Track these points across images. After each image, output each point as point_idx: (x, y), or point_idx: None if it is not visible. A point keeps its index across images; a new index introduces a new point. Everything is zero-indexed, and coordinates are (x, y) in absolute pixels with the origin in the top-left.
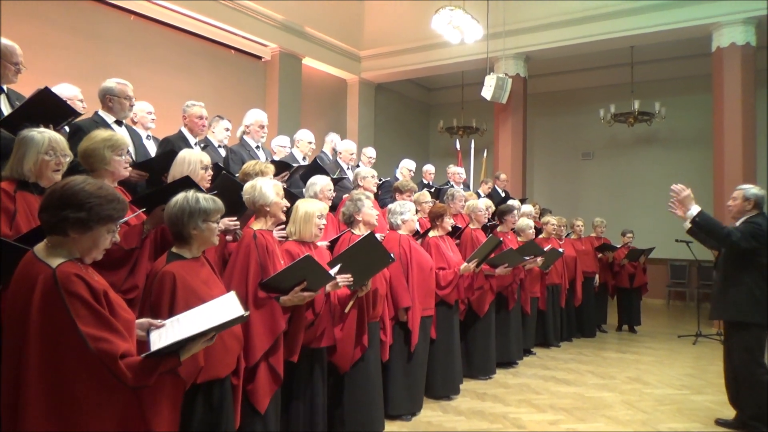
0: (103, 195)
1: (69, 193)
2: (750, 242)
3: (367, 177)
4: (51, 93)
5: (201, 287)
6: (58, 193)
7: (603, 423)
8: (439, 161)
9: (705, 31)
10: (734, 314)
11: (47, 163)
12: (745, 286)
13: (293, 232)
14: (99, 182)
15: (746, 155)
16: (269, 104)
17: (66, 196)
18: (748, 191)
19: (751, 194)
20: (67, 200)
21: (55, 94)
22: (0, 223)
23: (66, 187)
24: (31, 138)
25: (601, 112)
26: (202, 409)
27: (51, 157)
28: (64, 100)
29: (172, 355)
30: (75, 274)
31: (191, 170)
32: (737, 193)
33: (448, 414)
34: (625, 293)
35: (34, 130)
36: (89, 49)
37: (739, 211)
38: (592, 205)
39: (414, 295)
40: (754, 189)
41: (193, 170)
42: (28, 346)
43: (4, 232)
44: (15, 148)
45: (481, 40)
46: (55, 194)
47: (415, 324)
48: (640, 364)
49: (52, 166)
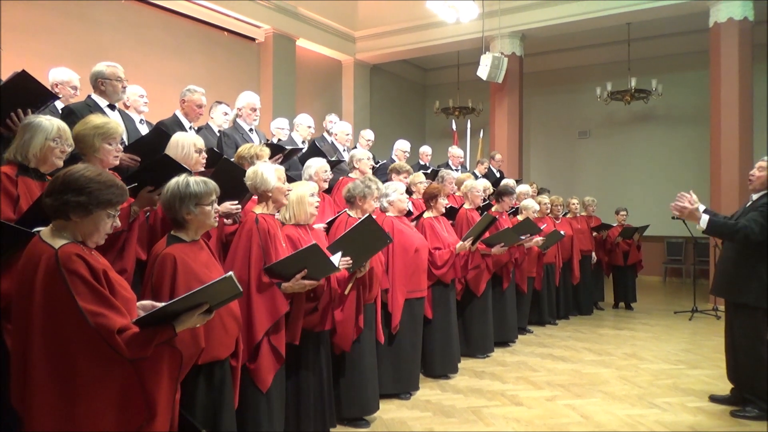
0: (102, 180)
1: (70, 179)
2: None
3: (363, 159)
4: (29, 76)
5: (201, 270)
6: (60, 179)
7: (599, 398)
8: (435, 142)
9: (702, 7)
10: (742, 296)
11: (52, 149)
12: (753, 267)
13: (288, 217)
14: (98, 169)
15: (743, 131)
16: (263, 86)
17: (67, 182)
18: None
19: None
20: (69, 185)
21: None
22: (2, 207)
23: (68, 173)
24: (39, 123)
25: (597, 90)
26: (205, 389)
27: (57, 144)
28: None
29: (167, 327)
30: (75, 254)
31: (185, 153)
32: (763, 163)
33: (447, 392)
34: (619, 271)
35: (42, 117)
36: (81, 33)
37: (763, 183)
38: (588, 184)
39: (394, 277)
40: None
41: (187, 153)
42: (32, 322)
43: (7, 216)
44: (20, 132)
45: (477, 18)
46: (58, 180)
47: (395, 306)
48: (637, 340)
49: (56, 153)
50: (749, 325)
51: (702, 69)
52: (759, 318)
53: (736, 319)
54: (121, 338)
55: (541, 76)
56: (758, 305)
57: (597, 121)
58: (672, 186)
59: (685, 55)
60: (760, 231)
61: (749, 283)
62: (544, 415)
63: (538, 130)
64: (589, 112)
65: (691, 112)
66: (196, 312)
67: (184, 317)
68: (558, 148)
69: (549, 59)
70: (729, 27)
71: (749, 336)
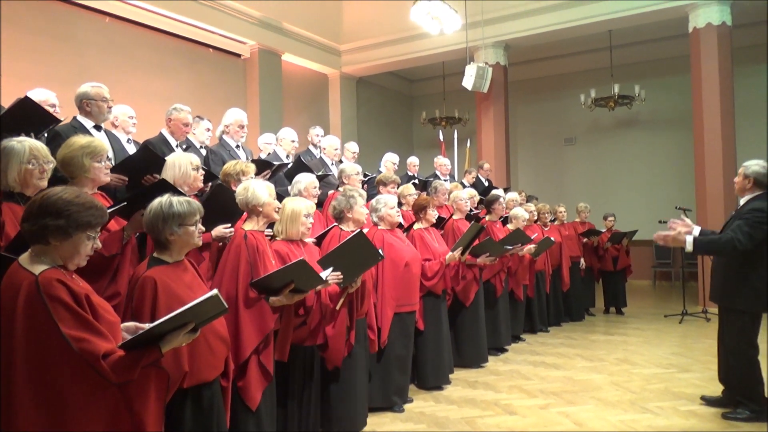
0: (81, 202)
1: (48, 203)
2: (756, 238)
3: (352, 175)
4: (31, 101)
5: (184, 291)
6: (37, 203)
7: (592, 405)
8: (423, 153)
9: (681, 12)
10: (735, 302)
11: (31, 172)
12: (745, 273)
13: (280, 231)
14: (77, 190)
15: (725, 133)
16: (250, 102)
17: (45, 205)
18: (748, 169)
19: (751, 172)
20: (46, 209)
21: (35, 102)
22: None
23: (45, 197)
24: (11, 148)
25: (581, 97)
26: (192, 413)
27: (34, 166)
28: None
29: (152, 348)
30: (56, 280)
31: (183, 172)
32: (741, 170)
33: (441, 403)
34: (609, 276)
35: (14, 140)
36: (65, 53)
37: (741, 189)
38: (576, 190)
39: (383, 291)
40: (756, 166)
41: (185, 172)
42: (14, 351)
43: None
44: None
45: (460, 30)
46: (35, 204)
47: (384, 321)
48: (628, 345)
49: (36, 174)
50: (740, 329)
51: (684, 73)
52: (750, 322)
53: (728, 323)
54: (107, 362)
55: (525, 84)
56: (749, 310)
57: (582, 128)
58: (658, 189)
59: (667, 61)
60: (746, 240)
61: (741, 288)
62: (538, 423)
63: (524, 138)
64: (575, 118)
65: (675, 116)
66: (181, 331)
67: (170, 337)
68: (545, 155)
69: (533, 68)
70: (708, 32)
71: (740, 340)
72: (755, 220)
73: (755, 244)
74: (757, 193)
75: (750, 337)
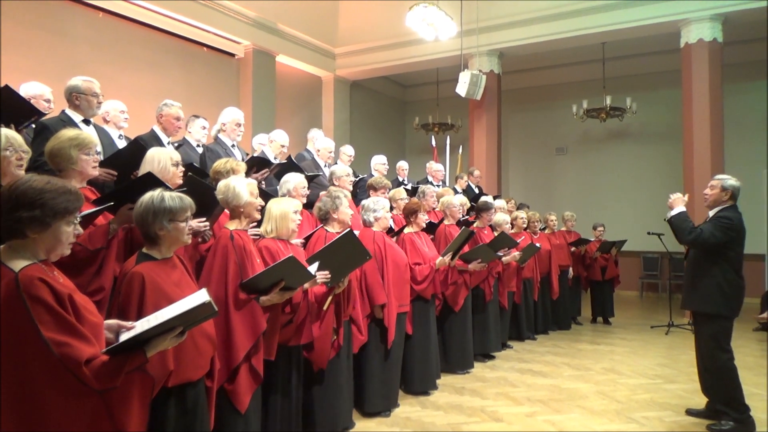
0: (53, 189)
1: (18, 193)
2: (717, 238)
3: (342, 176)
4: (13, 91)
5: (172, 289)
6: (6, 195)
7: (578, 414)
8: (415, 158)
9: (673, 28)
10: (703, 306)
11: (8, 159)
12: (714, 278)
13: (270, 230)
14: (46, 177)
15: (714, 147)
16: (243, 102)
17: (15, 197)
18: (725, 182)
19: (728, 185)
20: (18, 200)
21: (17, 93)
22: None
23: (13, 188)
24: None
25: (573, 108)
26: (176, 413)
27: (11, 153)
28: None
29: (137, 353)
30: (38, 278)
31: (162, 167)
32: (715, 182)
33: (427, 409)
34: (597, 286)
35: None
36: (58, 48)
37: (715, 201)
38: (566, 199)
39: (389, 292)
40: (732, 180)
41: (164, 167)
42: None
43: None
44: None
45: (455, 37)
46: (4, 197)
47: (391, 321)
48: (615, 355)
49: (14, 162)
50: (711, 334)
51: (674, 88)
52: (722, 325)
53: (700, 329)
54: (89, 368)
55: (519, 93)
56: (718, 313)
57: (574, 138)
58: (647, 201)
59: (658, 75)
60: (709, 235)
61: (709, 292)
62: (524, 430)
63: (516, 147)
64: (566, 129)
65: (665, 130)
66: (168, 336)
67: (156, 341)
68: (536, 164)
69: (527, 77)
70: (699, 48)
71: (713, 345)
72: (722, 224)
73: (715, 243)
74: (729, 204)
75: (721, 341)
